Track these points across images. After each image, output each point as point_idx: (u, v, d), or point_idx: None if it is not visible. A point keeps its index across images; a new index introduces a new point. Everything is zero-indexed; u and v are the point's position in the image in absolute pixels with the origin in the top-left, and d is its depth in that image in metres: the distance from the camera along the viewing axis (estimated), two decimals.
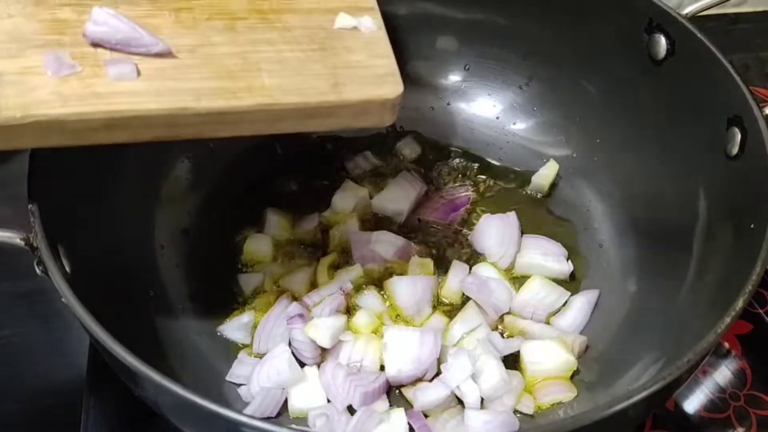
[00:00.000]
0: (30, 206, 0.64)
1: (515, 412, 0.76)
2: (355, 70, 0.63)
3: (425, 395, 0.75)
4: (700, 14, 0.82)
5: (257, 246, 0.88)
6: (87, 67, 0.59)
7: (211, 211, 0.91)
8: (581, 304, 0.85)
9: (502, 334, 0.83)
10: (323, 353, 0.80)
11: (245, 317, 0.83)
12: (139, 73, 0.60)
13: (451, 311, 0.84)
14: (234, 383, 0.79)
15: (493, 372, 0.75)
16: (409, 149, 0.99)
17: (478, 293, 0.84)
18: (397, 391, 0.78)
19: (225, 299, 0.85)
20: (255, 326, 0.82)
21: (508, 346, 0.80)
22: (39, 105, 0.57)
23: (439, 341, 0.78)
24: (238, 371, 0.79)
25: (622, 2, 0.85)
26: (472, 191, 0.96)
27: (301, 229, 0.91)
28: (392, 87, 0.63)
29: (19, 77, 0.58)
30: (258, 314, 0.83)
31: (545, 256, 0.88)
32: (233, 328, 0.83)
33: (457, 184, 0.97)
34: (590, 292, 0.86)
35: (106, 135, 0.59)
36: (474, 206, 0.94)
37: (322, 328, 0.78)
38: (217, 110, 0.60)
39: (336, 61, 0.63)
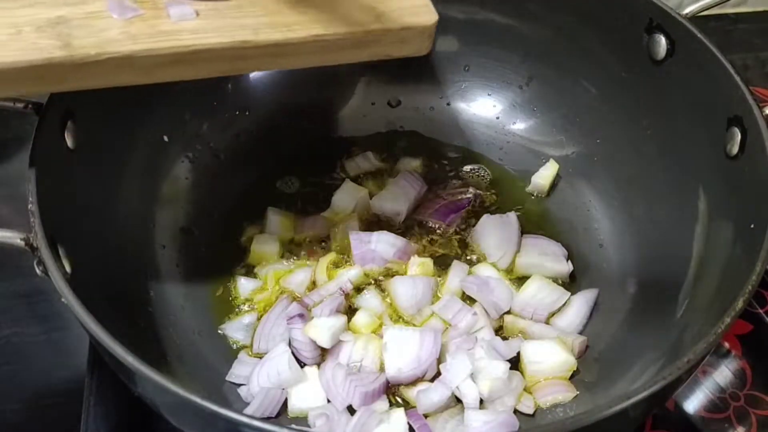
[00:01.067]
0: (30, 206, 0.64)
1: (515, 412, 0.76)
2: (392, 2, 0.68)
3: (428, 398, 0.75)
4: (700, 14, 0.82)
5: (264, 246, 0.88)
6: (148, 10, 0.64)
7: (211, 211, 0.91)
8: (580, 304, 0.85)
9: (497, 332, 0.83)
10: (323, 353, 0.80)
11: (247, 318, 0.83)
12: (197, 14, 0.65)
13: None
14: (234, 383, 0.79)
15: (493, 372, 0.75)
16: (407, 165, 0.98)
17: (478, 293, 0.84)
18: (397, 391, 0.79)
19: (225, 299, 0.85)
20: (256, 326, 0.83)
21: (510, 350, 0.80)
22: (111, 43, 0.61)
23: (439, 341, 0.78)
24: (238, 371, 0.79)
25: (622, 2, 0.85)
26: (472, 192, 0.96)
27: (302, 228, 0.91)
28: (428, 16, 0.68)
29: (87, 21, 0.62)
30: (260, 313, 0.83)
31: (545, 256, 0.88)
32: (234, 329, 0.83)
33: (456, 185, 0.97)
34: (589, 291, 0.86)
35: (173, 71, 0.63)
36: (473, 206, 0.94)
37: (322, 328, 0.78)
38: (275, 42, 0.64)
39: None
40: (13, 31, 0.60)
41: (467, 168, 0.98)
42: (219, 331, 0.83)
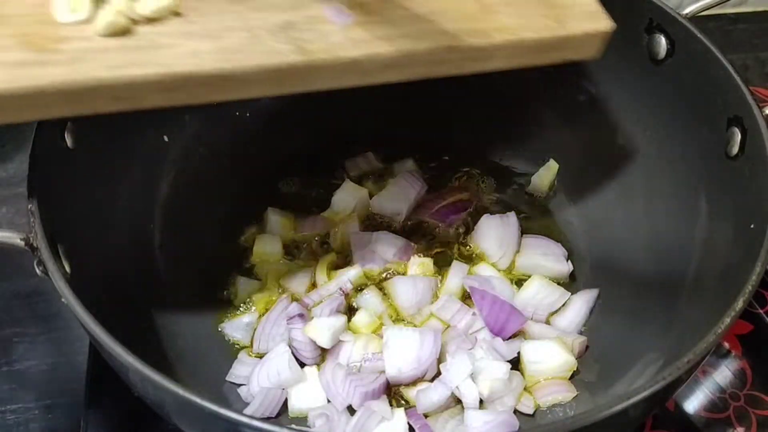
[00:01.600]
0: (30, 206, 0.64)
1: (515, 412, 0.76)
2: (569, 9, 0.71)
3: (427, 397, 0.75)
4: (700, 14, 0.82)
5: (267, 246, 0.88)
6: (360, 16, 0.66)
7: (211, 211, 0.91)
8: (580, 304, 0.85)
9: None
10: (323, 353, 0.80)
11: (247, 318, 0.83)
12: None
13: None
14: (234, 383, 0.79)
15: (494, 372, 0.75)
16: (407, 165, 0.98)
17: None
18: (397, 391, 0.79)
19: (225, 299, 0.85)
20: (256, 326, 0.83)
21: (510, 351, 0.80)
22: (339, 48, 0.63)
23: (439, 341, 0.78)
24: (238, 371, 0.79)
25: (622, 2, 0.84)
26: (472, 192, 0.95)
27: (302, 229, 0.91)
28: (605, 22, 0.71)
29: (312, 25, 0.64)
30: (260, 313, 0.83)
31: (545, 256, 0.88)
32: (234, 328, 0.83)
33: (456, 185, 0.97)
34: (589, 291, 0.86)
35: (388, 74, 0.66)
36: (474, 206, 0.94)
37: (322, 328, 0.78)
38: (477, 47, 0.67)
39: (552, 2, 0.71)
40: (249, 35, 0.61)
41: (467, 168, 0.98)
42: (219, 331, 0.83)
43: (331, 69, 0.62)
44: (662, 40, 0.82)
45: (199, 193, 0.91)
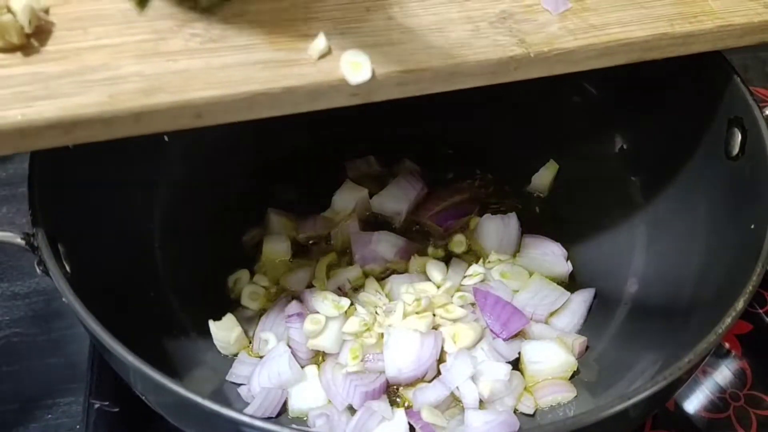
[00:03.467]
0: (30, 206, 0.64)
1: (515, 412, 0.76)
2: None
3: (425, 396, 0.75)
4: None
5: (276, 246, 0.88)
6: (575, 3, 0.66)
7: (211, 211, 0.91)
8: (577, 303, 0.85)
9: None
10: (322, 353, 0.80)
11: (247, 313, 0.83)
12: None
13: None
14: (234, 383, 0.79)
15: (494, 374, 0.75)
16: (407, 166, 0.98)
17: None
18: (397, 392, 0.79)
19: (225, 298, 0.85)
20: (255, 326, 0.83)
21: (511, 351, 0.80)
22: (557, 39, 0.63)
23: (440, 342, 0.78)
24: (238, 371, 0.79)
25: None
26: (472, 193, 0.95)
27: (303, 229, 0.91)
28: None
29: (528, 15, 0.63)
30: (260, 313, 0.83)
31: (545, 256, 0.88)
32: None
33: (456, 186, 0.96)
34: (586, 291, 0.86)
35: (600, 61, 0.66)
36: (473, 207, 0.94)
37: (327, 334, 0.78)
38: (688, 33, 0.67)
39: None
40: (472, 27, 0.62)
41: (467, 169, 0.98)
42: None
43: (548, 60, 0.63)
44: None
45: (199, 193, 0.91)
